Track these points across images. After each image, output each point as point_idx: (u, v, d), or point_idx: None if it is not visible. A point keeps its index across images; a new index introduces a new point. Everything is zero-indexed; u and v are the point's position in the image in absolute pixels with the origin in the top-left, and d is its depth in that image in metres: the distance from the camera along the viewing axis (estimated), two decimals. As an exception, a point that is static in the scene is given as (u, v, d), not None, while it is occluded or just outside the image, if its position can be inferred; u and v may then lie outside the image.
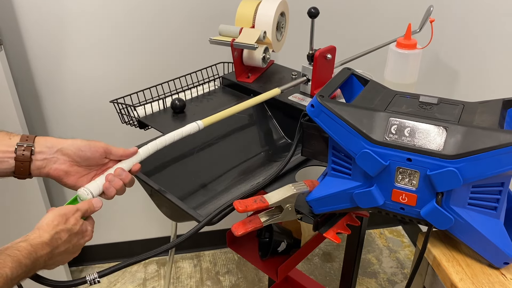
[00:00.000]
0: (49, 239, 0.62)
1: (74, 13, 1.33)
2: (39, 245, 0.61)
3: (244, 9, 1.18)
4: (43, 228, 0.63)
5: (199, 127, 0.87)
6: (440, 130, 0.62)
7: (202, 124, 0.87)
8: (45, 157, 0.71)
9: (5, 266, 0.55)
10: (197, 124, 0.86)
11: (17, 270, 0.56)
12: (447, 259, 0.70)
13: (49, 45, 1.37)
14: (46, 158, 0.71)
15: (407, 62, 1.21)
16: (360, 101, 0.72)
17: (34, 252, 0.59)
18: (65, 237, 0.64)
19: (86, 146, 0.73)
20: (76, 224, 0.67)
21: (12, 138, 0.71)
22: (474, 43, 1.39)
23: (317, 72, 1.10)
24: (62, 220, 0.65)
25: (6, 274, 0.54)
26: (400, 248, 1.91)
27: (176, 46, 1.45)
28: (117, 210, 1.70)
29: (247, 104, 0.96)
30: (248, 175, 1.01)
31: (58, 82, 1.43)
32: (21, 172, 0.71)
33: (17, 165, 0.70)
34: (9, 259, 0.56)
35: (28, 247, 0.59)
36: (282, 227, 1.06)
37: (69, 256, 0.68)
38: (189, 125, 0.86)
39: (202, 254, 1.89)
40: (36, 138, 0.72)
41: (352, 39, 1.52)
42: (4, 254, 0.56)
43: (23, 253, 0.58)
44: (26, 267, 0.58)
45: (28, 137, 0.71)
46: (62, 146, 0.72)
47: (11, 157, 0.70)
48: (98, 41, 1.39)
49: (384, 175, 0.65)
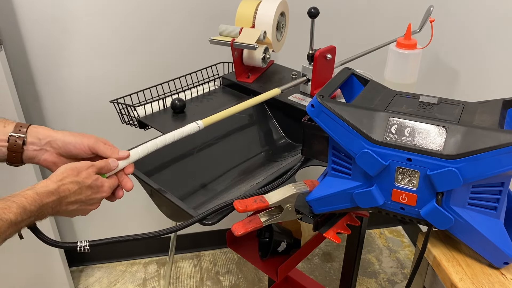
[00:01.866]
0: (55, 188, 0.66)
1: (74, 13, 1.33)
2: (45, 193, 0.65)
3: (244, 9, 1.18)
4: (51, 179, 0.67)
5: (199, 127, 0.87)
6: (440, 130, 0.62)
7: (202, 124, 0.87)
8: (35, 148, 0.74)
9: (10, 211, 0.59)
10: (197, 124, 0.87)
11: (21, 215, 0.61)
12: (447, 259, 0.70)
13: (49, 45, 1.37)
14: (36, 149, 0.74)
15: (407, 62, 1.21)
16: (360, 101, 0.72)
17: (39, 200, 0.63)
18: (74, 188, 0.68)
19: (72, 143, 0.74)
20: (88, 177, 0.70)
21: (6, 127, 0.73)
22: (474, 43, 1.39)
23: (317, 72, 1.10)
24: (72, 173, 0.69)
25: (10, 219, 0.59)
26: (400, 248, 1.91)
27: (176, 46, 1.45)
28: (117, 210, 1.70)
29: (247, 104, 0.96)
30: (248, 175, 1.01)
31: (58, 82, 1.43)
32: (13, 160, 0.73)
33: (9, 155, 0.72)
34: (15, 205, 0.61)
35: (34, 195, 0.63)
36: (282, 227, 1.06)
37: (86, 207, 0.72)
38: (189, 125, 0.86)
39: (202, 254, 1.89)
40: (29, 127, 0.74)
41: (352, 39, 1.52)
42: (10, 201, 0.61)
43: (29, 200, 0.62)
44: (31, 213, 0.62)
45: (21, 126, 0.73)
46: (52, 139, 0.74)
47: (4, 146, 0.72)
48: (98, 41, 1.39)
49: (384, 175, 0.65)
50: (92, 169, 0.71)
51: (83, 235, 1.76)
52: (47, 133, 0.74)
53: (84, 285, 1.74)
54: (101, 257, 1.83)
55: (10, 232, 0.60)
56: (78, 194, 0.69)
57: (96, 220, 1.73)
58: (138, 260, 1.86)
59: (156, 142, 0.81)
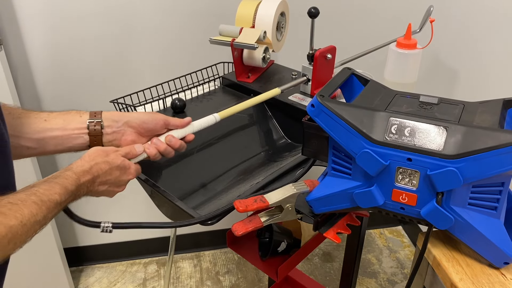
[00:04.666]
0: (89, 167, 0.70)
1: (74, 13, 1.33)
2: (81, 173, 0.69)
3: (244, 9, 1.18)
4: (84, 159, 0.72)
5: (215, 120, 0.90)
6: (440, 130, 0.62)
7: (218, 117, 0.91)
8: (113, 131, 0.80)
9: (55, 192, 0.62)
10: (214, 116, 0.90)
11: (64, 195, 0.64)
12: (447, 259, 0.69)
13: (50, 45, 1.37)
14: (114, 131, 0.80)
15: (407, 62, 1.21)
16: (361, 101, 0.72)
17: (77, 179, 0.67)
18: (106, 168, 0.72)
19: (149, 119, 0.81)
20: (116, 158, 0.74)
21: (82, 116, 0.79)
22: (474, 43, 1.39)
23: (317, 72, 1.10)
24: (102, 154, 0.73)
25: (56, 200, 0.62)
26: (400, 248, 1.91)
27: (176, 46, 1.45)
28: (117, 210, 1.70)
29: (247, 104, 0.96)
30: (248, 175, 1.01)
31: (58, 82, 1.43)
32: (95, 145, 0.78)
33: (91, 139, 0.78)
34: (58, 186, 0.64)
35: (73, 175, 0.67)
36: (282, 227, 1.06)
37: (114, 189, 0.76)
38: (206, 117, 0.90)
39: (202, 254, 1.89)
40: (102, 113, 0.80)
41: (352, 39, 1.52)
42: (53, 182, 0.64)
43: (69, 181, 0.66)
44: (71, 193, 0.66)
45: (95, 113, 0.80)
46: (128, 119, 0.80)
47: (85, 133, 0.78)
48: (98, 41, 1.39)
49: (384, 175, 0.65)
50: (119, 152, 0.76)
51: (83, 236, 1.76)
52: (121, 115, 0.81)
53: (84, 285, 1.74)
54: (101, 257, 1.83)
55: (55, 212, 0.63)
56: (109, 174, 0.73)
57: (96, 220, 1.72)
58: (138, 260, 1.86)
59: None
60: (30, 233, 0.57)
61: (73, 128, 0.78)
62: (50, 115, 0.78)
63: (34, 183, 0.63)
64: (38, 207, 0.58)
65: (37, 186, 0.62)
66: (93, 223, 0.74)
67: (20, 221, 0.55)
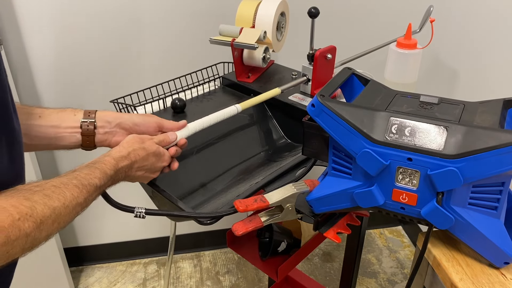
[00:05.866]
0: (127, 153, 0.74)
1: (74, 13, 1.33)
2: (120, 158, 0.72)
3: (244, 9, 1.18)
4: (122, 145, 0.75)
5: (237, 110, 0.94)
6: (440, 130, 0.62)
7: (240, 108, 0.95)
8: (106, 131, 0.81)
9: (95, 177, 0.66)
10: (235, 107, 0.94)
11: (104, 180, 0.68)
12: (447, 259, 0.70)
13: (49, 45, 1.36)
14: (106, 132, 0.81)
15: (407, 62, 1.21)
16: (361, 100, 0.72)
17: (116, 164, 0.71)
18: (143, 154, 0.76)
19: (141, 122, 0.83)
20: (151, 145, 0.78)
21: (76, 115, 0.80)
22: (474, 43, 1.39)
23: (317, 72, 1.10)
24: (139, 140, 0.77)
25: (95, 184, 0.65)
26: (400, 248, 1.91)
27: (176, 46, 1.45)
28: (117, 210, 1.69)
29: (246, 104, 0.96)
30: (248, 175, 1.01)
31: (58, 82, 1.43)
32: (87, 144, 0.80)
33: (83, 139, 0.79)
34: (98, 171, 0.67)
35: (111, 160, 0.71)
36: (282, 227, 1.06)
37: (149, 174, 0.80)
38: (228, 108, 0.93)
39: (202, 254, 1.89)
40: (96, 112, 0.81)
41: (352, 39, 1.52)
42: (93, 167, 0.68)
43: (108, 166, 0.69)
44: (110, 177, 0.69)
45: (90, 112, 0.81)
46: (120, 120, 0.82)
47: (78, 132, 0.79)
48: (98, 41, 1.39)
49: (384, 175, 0.65)
50: (154, 140, 0.80)
51: (83, 236, 1.76)
52: (115, 116, 0.82)
53: (84, 285, 1.74)
54: (101, 257, 1.83)
55: (95, 196, 0.67)
56: (145, 160, 0.77)
57: (96, 220, 1.73)
58: (138, 260, 1.86)
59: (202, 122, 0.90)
60: (72, 215, 0.61)
61: (67, 127, 0.78)
62: (44, 112, 0.78)
63: (75, 168, 0.66)
64: (79, 190, 0.62)
65: (78, 171, 0.65)
66: (128, 208, 0.77)
67: (63, 203, 0.58)
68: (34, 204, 0.54)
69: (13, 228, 0.51)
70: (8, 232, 0.50)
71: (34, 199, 0.55)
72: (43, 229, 0.56)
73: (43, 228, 0.55)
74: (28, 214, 0.53)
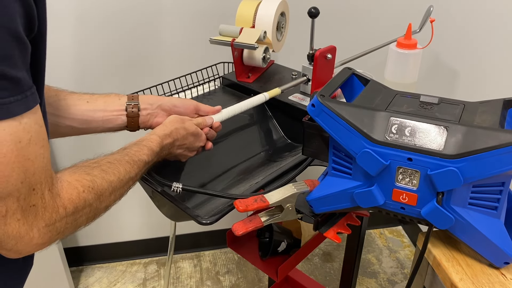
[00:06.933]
0: (170, 132, 0.80)
1: (73, 13, 1.33)
2: (164, 136, 0.78)
3: (244, 9, 1.18)
4: (165, 124, 0.82)
5: (265, 98, 1.01)
6: (440, 130, 0.62)
7: (268, 96, 1.01)
8: (148, 113, 0.87)
9: (144, 153, 0.72)
10: (264, 95, 1.00)
11: (151, 156, 0.74)
12: (447, 259, 0.69)
13: (49, 45, 1.36)
14: (149, 113, 0.87)
15: (407, 62, 1.21)
16: (361, 100, 0.72)
17: (161, 142, 0.77)
18: (183, 133, 0.82)
19: (180, 104, 0.89)
20: (191, 126, 0.84)
21: (121, 99, 0.86)
22: (474, 43, 1.39)
23: (317, 72, 1.10)
24: (180, 121, 0.84)
25: (144, 160, 0.72)
26: (400, 248, 1.91)
27: (177, 46, 1.45)
28: (117, 211, 1.69)
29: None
30: (248, 175, 1.01)
31: (58, 82, 1.42)
32: (132, 125, 0.87)
33: (128, 120, 0.86)
34: (146, 148, 0.74)
35: (157, 138, 0.77)
36: (282, 227, 1.06)
37: (188, 153, 0.87)
38: (257, 96, 1.00)
39: (202, 254, 1.89)
40: (139, 97, 0.87)
41: (352, 39, 1.52)
42: (141, 144, 0.74)
43: (154, 143, 0.76)
44: (156, 153, 0.75)
45: (133, 96, 0.87)
46: (161, 102, 0.88)
47: (123, 114, 0.85)
48: (98, 41, 1.39)
49: (384, 175, 0.65)
50: (193, 121, 0.86)
51: (83, 236, 1.76)
52: (156, 99, 0.89)
53: (84, 285, 1.74)
54: (101, 257, 1.83)
55: (143, 171, 0.73)
56: (185, 139, 0.83)
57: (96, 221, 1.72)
58: (138, 260, 1.86)
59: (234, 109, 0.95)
60: (125, 188, 0.67)
61: (113, 110, 0.84)
62: (92, 97, 0.84)
63: (125, 145, 0.73)
64: (130, 165, 0.68)
65: (128, 148, 0.72)
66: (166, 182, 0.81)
67: (118, 177, 0.65)
68: (94, 178, 0.61)
69: (79, 199, 0.57)
70: (76, 203, 0.57)
71: (94, 174, 0.61)
72: (103, 200, 0.62)
73: (103, 200, 0.62)
74: (90, 187, 0.59)
